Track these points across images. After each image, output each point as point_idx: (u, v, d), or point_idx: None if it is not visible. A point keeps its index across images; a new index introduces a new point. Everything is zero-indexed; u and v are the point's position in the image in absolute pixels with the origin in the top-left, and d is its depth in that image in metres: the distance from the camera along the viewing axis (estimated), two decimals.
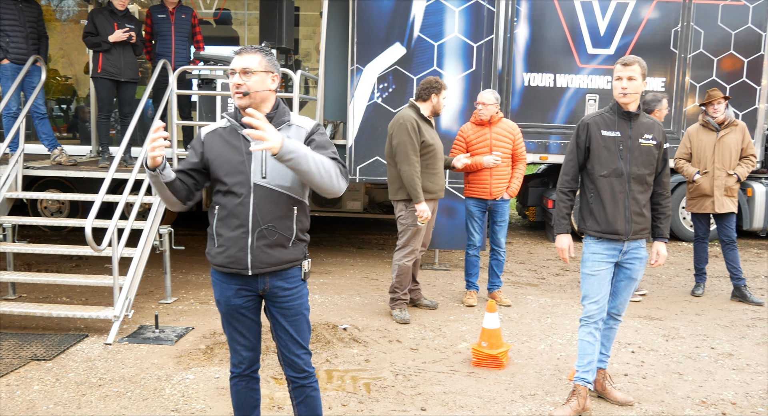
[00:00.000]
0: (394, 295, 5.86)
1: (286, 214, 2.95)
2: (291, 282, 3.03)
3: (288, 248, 2.98)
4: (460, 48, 7.29)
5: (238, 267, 2.94)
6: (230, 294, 3.02)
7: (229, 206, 2.93)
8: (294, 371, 3.12)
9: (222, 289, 3.04)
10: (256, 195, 2.90)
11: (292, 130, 2.99)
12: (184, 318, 5.72)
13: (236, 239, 2.92)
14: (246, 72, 2.87)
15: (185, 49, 7.62)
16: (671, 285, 7.26)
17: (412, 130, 5.52)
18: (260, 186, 2.91)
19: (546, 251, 9.01)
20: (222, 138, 2.99)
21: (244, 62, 2.88)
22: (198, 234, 9.54)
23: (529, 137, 8.49)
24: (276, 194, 2.92)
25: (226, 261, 2.95)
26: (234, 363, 3.18)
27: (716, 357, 5.05)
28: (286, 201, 2.94)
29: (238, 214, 2.91)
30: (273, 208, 2.92)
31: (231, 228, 2.93)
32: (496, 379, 4.56)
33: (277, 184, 2.92)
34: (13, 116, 6.88)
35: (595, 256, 3.96)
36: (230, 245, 2.93)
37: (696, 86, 8.74)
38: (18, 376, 4.44)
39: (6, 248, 5.94)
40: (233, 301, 3.03)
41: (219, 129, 3.03)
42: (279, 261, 2.97)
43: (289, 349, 3.09)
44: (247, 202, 2.90)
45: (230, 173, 2.92)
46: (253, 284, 3.00)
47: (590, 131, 3.95)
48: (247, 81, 2.87)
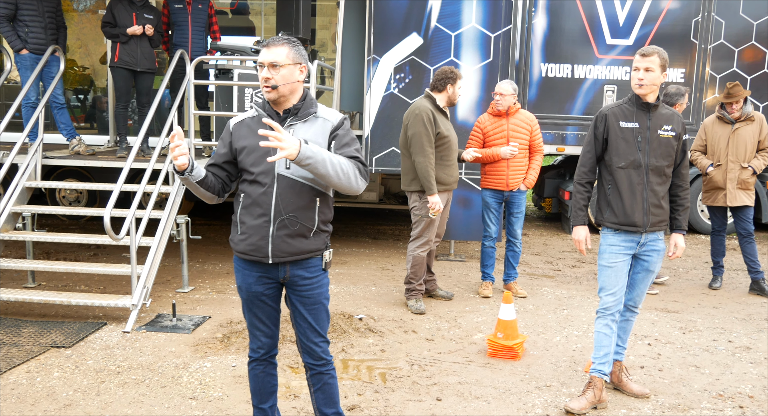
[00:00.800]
0: (410, 286, 5.86)
1: (309, 205, 2.97)
2: (311, 272, 3.06)
3: (309, 239, 3.00)
4: (478, 38, 7.25)
5: (258, 255, 2.98)
6: (251, 281, 3.06)
7: (253, 195, 2.96)
8: (312, 358, 3.15)
9: (244, 276, 3.08)
10: (280, 185, 2.92)
11: (318, 122, 3.00)
12: (201, 307, 5.77)
13: (258, 228, 2.95)
14: (274, 66, 2.88)
15: (202, 40, 7.64)
16: (688, 278, 7.21)
17: (427, 121, 5.51)
18: (284, 176, 2.93)
19: (562, 242, 8.97)
20: (249, 128, 3.02)
21: (271, 56, 2.89)
22: (214, 224, 9.60)
23: (546, 128, 8.44)
24: (299, 185, 2.94)
25: (247, 249, 2.99)
26: (253, 348, 3.22)
27: (734, 351, 5.02)
28: (309, 192, 2.96)
29: (261, 203, 2.93)
30: (295, 198, 2.94)
31: (254, 217, 2.96)
32: (512, 370, 4.56)
33: (300, 175, 2.94)
34: (32, 106, 6.94)
35: (613, 248, 3.94)
36: (252, 233, 2.97)
37: (716, 78, 8.64)
38: (38, 363, 4.49)
39: (25, 236, 6.00)
40: (254, 288, 3.07)
41: (246, 119, 3.06)
42: (299, 251, 2.99)
43: (307, 337, 3.12)
44: (271, 191, 2.92)
45: (256, 163, 2.95)
46: (274, 272, 3.03)
47: (608, 122, 3.92)
48: (275, 75, 2.88)
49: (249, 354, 3.26)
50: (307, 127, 2.98)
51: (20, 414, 3.78)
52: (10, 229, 6.09)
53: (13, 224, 6.13)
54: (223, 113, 6.89)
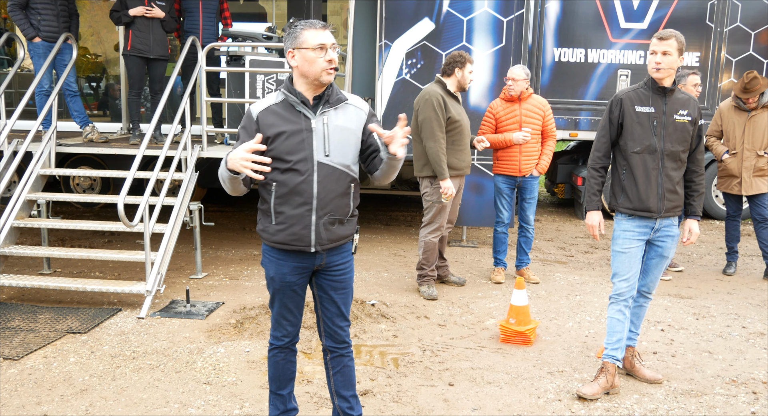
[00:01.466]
0: (422, 271, 5.87)
1: (346, 191, 2.99)
2: (344, 257, 3.11)
3: (344, 225, 3.04)
4: (490, 23, 7.20)
5: (301, 245, 2.96)
6: (286, 271, 3.04)
7: (290, 184, 2.91)
8: (335, 342, 3.18)
9: (278, 266, 3.05)
10: (320, 173, 2.91)
11: (350, 110, 3.01)
12: (214, 293, 5.80)
13: (300, 217, 2.93)
14: (333, 48, 2.89)
15: (213, 26, 7.63)
16: (702, 264, 7.18)
17: (438, 106, 5.49)
18: (324, 164, 2.91)
19: (575, 228, 8.95)
20: (278, 115, 2.93)
21: (332, 38, 2.89)
22: (227, 211, 9.64)
23: (559, 114, 8.39)
24: (338, 172, 2.94)
25: (288, 239, 2.96)
26: (276, 337, 3.22)
27: (747, 336, 5.00)
28: (346, 179, 2.97)
29: (302, 192, 2.90)
30: (335, 186, 2.94)
31: (293, 206, 2.93)
32: (524, 356, 4.56)
33: (339, 162, 2.94)
34: (46, 94, 6.97)
35: (626, 233, 3.93)
36: (293, 222, 2.94)
37: (732, 61, 8.54)
38: (54, 348, 4.54)
39: (40, 223, 6.05)
40: (288, 278, 3.05)
41: (272, 106, 2.96)
42: (338, 237, 3.02)
43: (333, 321, 3.15)
44: (311, 180, 2.90)
45: (293, 151, 2.89)
46: (311, 260, 3.03)
47: (624, 106, 3.89)
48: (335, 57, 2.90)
49: (271, 342, 3.25)
50: (339, 114, 2.97)
51: (37, 398, 3.83)
52: (25, 216, 6.14)
53: (28, 211, 6.18)
54: (235, 99, 6.89)
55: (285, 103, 2.95)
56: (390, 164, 2.96)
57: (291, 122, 2.91)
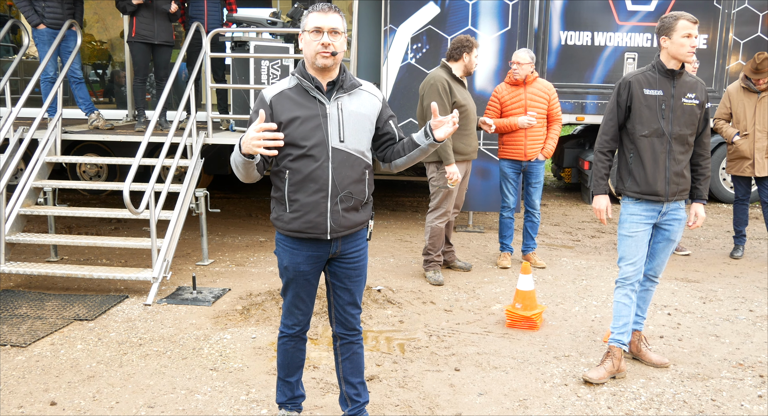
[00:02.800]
0: (428, 257, 5.87)
1: (361, 178, 2.95)
2: (359, 244, 3.08)
3: (359, 211, 3.00)
4: (496, 6, 7.14)
5: (317, 232, 2.92)
6: (300, 261, 3.01)
7: (304, 171, 2.86)
8: (345, 329, 3.18)
9: (292, 256, 3.01)
10: (335, 159, 2.87)
11: (364, 96, 2.98)
12: (220, 280, 5.82)
13: (315, 204, 2.89)
14: (335, 32, 2.82)
15: (218, 12, 7.59)
16: (710, 247, 7.15)
17: (443, 90, 5.46)
18: (339, 150, 2.87)
19: (581, 213, 8.92)
20: (292, 100, 2.89)
21: (332, 22, 2.81)
22: (233, 197, 9.64)
23: (566, 97, 8.34)
24: (353, 158, 2.91)
25: (304, 227, 2.92)
26: (287, 325, 3.20)
27: (754, 320, 4.98)
28: (360, 165, 2.93)
29: (317, 178, 2.86)
30: (350, 172, 2.90)
31: (308, 193, 2.88)
32: (530, 340, 4.56)
33: (354, 148, 2.90)
34: (51, 81, 6.97)
35: (634, 217, 3.90)
36: (309, 210, 2.89)
37: (740, 43, 8.46)
38: (62, 335, 4.57)
39: (47, 211, 6.07)
40: (302, 268, 3.02)
41: (285, 90, 2.91)
42: (354, 224, 2.99)
43: (345, 309, 3.14)
44: (326, 166, 2.85)
45: (307, 137, 2.85)
46: (326, 248, 3.00)
47: (632, 89, 3.85)
48: (335, 41, 2.82)
49: (281, 330, 3.24)
50: (353, 100, 2.93)
51: (45, 385, 3.86)
52: (31, 204, 6.16)
53: (34, 199, 6.20)
54: (240, 85, 6.87)
55: (299, 87, 2.91)
56: (424, 151, 2.97)
57: (305, 107, 2.87)
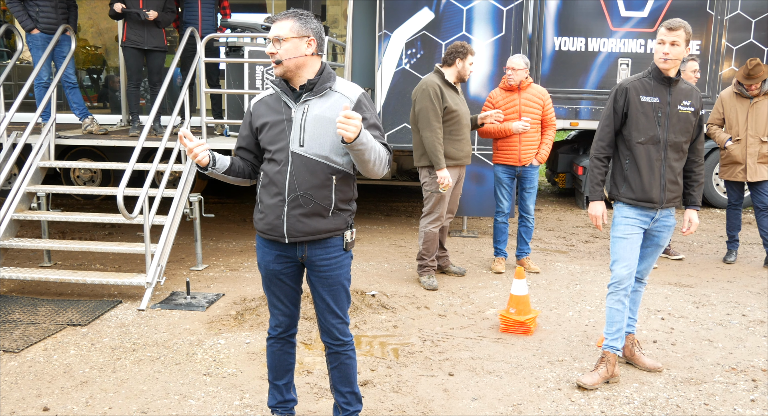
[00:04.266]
0: (422, 262, 5.87)
1: (324, 183, 2.91)
2: (331, 252, 3.02)
3: (327, 218, 2.95)
4: (490, 12, 7.17)
5: (275, 234, 2.97)
6: (270, 259, 3.06)
7: (270, 174, 2.94)
8: (330, 338, 3.16)
9: (263, 253, 3.09)
10: (294, 164, 2.89)
11: (334, 98, 2.93)
12: (214, 285, 5.81)
13: (274, 207, 2.94)
14: (278, 40, 2.84)
15: (212, 17, 7.60)
16: (703, 252, 7.17)
17: (434, 96, 5.47)
18: (297, 154, 2.88)
19: (575, 218, 8.94)
20: (267, 105, 2.99)
21: (275, 30, 2.87)
22: (228, 202, 9.63)
23: (560, 103, 8.37)
24: (313, 162, 2.88)
25: (265, 228, 2.99)
26: (271, 326, 3.25)
27: (747, 324, 5.00)
28: (324, 170, 2.90)
29: (277, 182, 2.91)
30: (309, 177, 2.89)
31: (270, 196, 2.94)
32: (524, 345, 4.57)
33: (314, 153, 2.88)
34: (45, 86, 6.96)
35: (628, 220, 3.91)
36: (269, 212, 2.96)
37: (733, 49, 8.51)
38: (55, 341, 4.55)
39: (40, 216, 6.05)
40: (272, 266, 3.06)
41: (265, 97, 3.03)
42: (316, 231, 2.94)
43: (325, 317, 3.12)
44: (285, 170, 2.89)
45: (273, 141, 2.93)
46: (291, 251, 3.02)
47: (629, 96, 3.85)
48: (279, 49, 2.85)
49: (268, 331, 3.28)
50: (322, 103, 2.91)
51: (38, 390, 3.84)
52: (25, 209, 6.14)
53: (28, 204, 6.19)
54: (234, 90, 6.87)
55: (277, 94, 3.00)
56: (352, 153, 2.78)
57: (275, 112, 2.95)
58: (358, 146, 2.69)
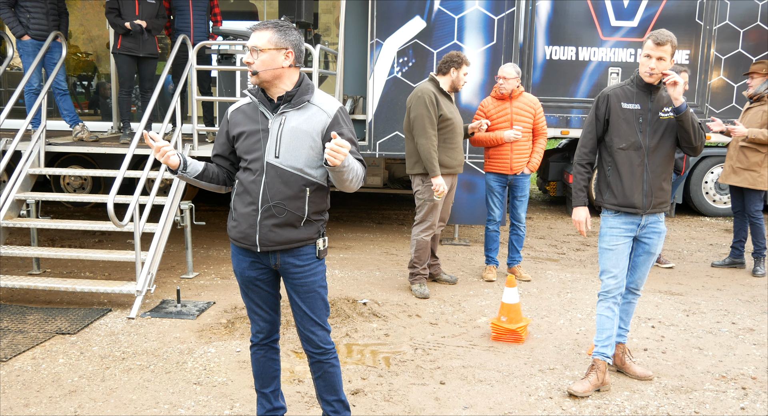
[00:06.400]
0: (414, 270, 5.87)
1: (297, 195, 2.91)
2: (303, 259, 3.01)
3: (299, 228, 2.96)
4: (481, 21, 7.20)
5: (247, 243, 2.98)
6: (245, 266, 3.08)
7: (244, 183, 2.96)
8: (310, 346, 3.15)
9: (238, 261, 3.10)
10: (268, 174, 2.90)
11: (311, 111, 2.92)
12: (205, 293, 5.79)
13: (247, 216, 2.96)
14: (254, 50, 2.85)
15: (204, 24, 7.60)
16: (693, 260, 7.20)
17: (429, 103, 5.49)
18: (272, 165, 2.90)
19: (566, 226, 8.96)
20: (244, 114, 3.01)
21: (253, 40, 2.87)
22: (219, 210, 9.61)
23: (551, 111, 8.40)
24: (287, 174, 2.89)
25: (238, 236, 3.01)
26: (253, 332, 3.26)
27: (737, 332, 5.02)
28: (298, 182, 2.91)
29: (251, 191, 2.93)
30: (283, 188, 2.90)
31: (244, 204, 2.96)
32: (515, 353, 4.57)
33: (289, 164, 2.89)
34: (35, 93, 6.93)
35: (613, 230, 3.94)
36: (242, 220, 2.98)
37: (721, 59, 8.57)
38: (43, 349, 4.52)
39: (30, 223, 6.02)
40: (247, 273, 3.08)
41: (243, 106, 3.04)
42: (287, 240, 2.95)
43: (304, 325, 3.12)
44: (260, 180, 2.91)
45: (249, 150, 2.94)
46: (265, 259, 3.03)
47: (610, 103, 3.90)
48: (255, 59, 2.86)
49: (251, 338, 3.28)
50: (299, 115, 2.91)
51: (26, 400, 3.81)
52: (14, 216, 6.11)
53: (17, 211, 6.15)
54: (226, 98, 6.87)
55: (255, 103, 3.00)
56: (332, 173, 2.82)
57: (252, 121, 2.95)
58: (340, 168, 2.75)
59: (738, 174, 6.44)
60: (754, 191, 6.45)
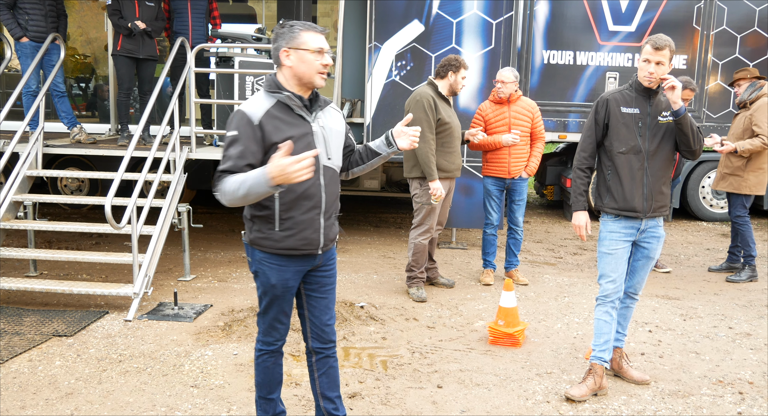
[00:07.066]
0: (411, 273, 5.87)
1: (338, 191, 3.07)
2: (333, 252, 3.16)
3: (336, 223, 3.11)
4: (479, 25, 7.21)
5: (310, 248, 2.96)
6: (288, 277, 3.00)
7: (298, 189, 2.84)
8: (321, 342, 3.17)
9: (281, 272, 2.97)
10: (325, 176, 2.93)
11: (334, 113, 3.07)
12: (202, 296, 5.78)
13: (311, 222, 2.92)
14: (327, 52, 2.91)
15: (202, 27, 7.61)
16: (690, 265, 7.21)
17: (428, 107, 5.49)
18: (327, 167, 2.95)
19: (564, 230, 8.97)
20: (280, 119, 2.83)
21: (324, 42, 2.89)
22: (216, 212, 9.60)
23: (548, 116, 8.41)
24: (336, 173, 3.02)
25: (298, 244, 2.92)
26: (269, 341, 3.17)
27: (734, 337, 5.02)
28: (338, 180, 3.06)
29: (311, 196, 2.89)
30: (335, 188, 3.02)
31: (303, 211, 2.89)
32: (513, 357, 4.57)
33: (337, 164, 3.01)
34: (33, 95, 6.93)
35: (613, 234, 3.94)
36: (304, 227, 2.91)
37: (718, 64, 8.60)
38: (40, 352, 4.51)
39: (27, 225, 6.01)
40: (290, 283, 3.03)
41: (270, 110, 2.83)
42: (335, 236, 3.11)
43: (321, 320, 3.15)
44: (319, 184, 2.91)
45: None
46: (313, 261, 3.05)
47: (609, 107, 3.91)
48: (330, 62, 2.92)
49: (260, 348, 3.18)
50: (327, 116, 3.01)
51: (22, 402, 3.80)
52: (11, 218, 6.10)
53: (14, 213, 6.14)
54: (224, 101, 6.87)
55: (281, 105, 2.86)
56: (384, 159, 3.14)
57: (294, 125, 2.86)
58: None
59: (725, 179, 6.48)
60: (736, 196, 6.46)
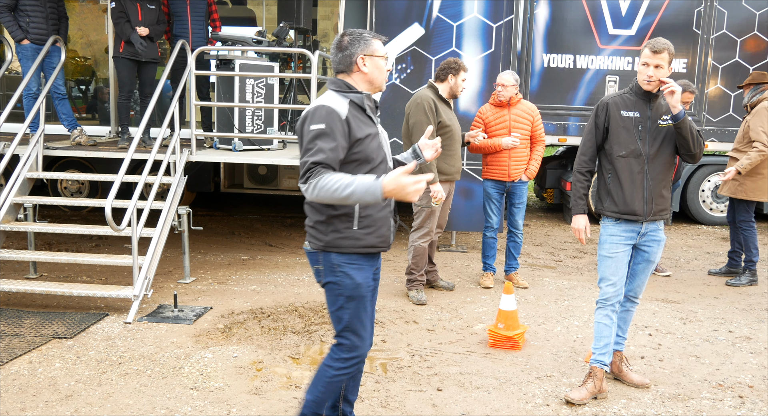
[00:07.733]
0: (411, 276, 5.87)
1: None
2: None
3: None
4: (480, 28, 7.22)
5: (384, 246, 3.00)
6: (369, 275, 3.01)
7: None
8: None
9: (364, 271, 2.98)
10: None
11: None
12: (202, 298, 5.78)
13: (385, 219, 2.99)
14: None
15: (202, 30, 7.61)
16: (690, 268, 7.21)
17: (429, 110, 5.50)
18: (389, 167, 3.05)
19: (563, 233, 8.97)
20: (358, 119, 2.91)
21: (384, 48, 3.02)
22: (216, 215, 9.60)
23: (548, 119, 8.42)
24: None
25: (376, 241, 2.96)
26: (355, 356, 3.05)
27: (734, 341, 5.02)
28: None
29: None
30: None
31: (379, 208, 2.96)
32: (512, 360, 4.57)
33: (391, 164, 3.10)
34: (33, 97, 6.93)
35: (613, 238, 3.94)
36: (381, 224, 2.97)
37: (718, 68, 8.61)
38: (40, 354, 4.51)
39: (27, 227, 6.01)
40: (372, 282, 3.04)
41: (350, 110, 2.90)
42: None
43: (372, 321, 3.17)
44: None
45: (376, 152, 2.95)
46: (378, 261, 3.08)
47: (609, 111, 3.92)
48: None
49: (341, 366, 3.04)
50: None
51: (22, 404, 3.80)
52: (11, 220, 6.10)
53: (14, 215, 6.14)
54: (224, 103, 6.87)
55: (354, 105, 2.93)
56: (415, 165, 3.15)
57: (368, 125, 2.97)
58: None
59: (725, 183, 6.48)
60: (738, 200, 6.47)
